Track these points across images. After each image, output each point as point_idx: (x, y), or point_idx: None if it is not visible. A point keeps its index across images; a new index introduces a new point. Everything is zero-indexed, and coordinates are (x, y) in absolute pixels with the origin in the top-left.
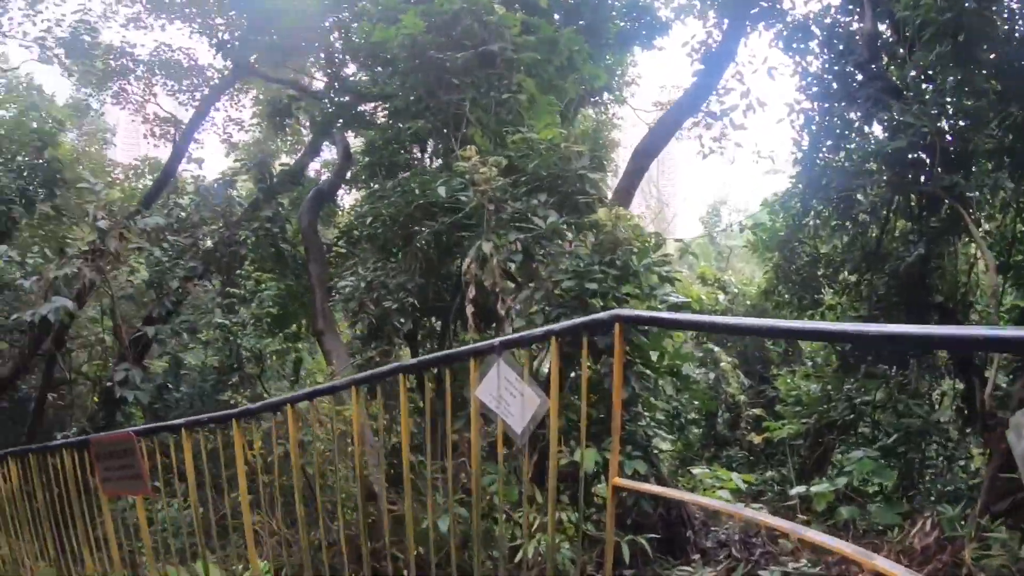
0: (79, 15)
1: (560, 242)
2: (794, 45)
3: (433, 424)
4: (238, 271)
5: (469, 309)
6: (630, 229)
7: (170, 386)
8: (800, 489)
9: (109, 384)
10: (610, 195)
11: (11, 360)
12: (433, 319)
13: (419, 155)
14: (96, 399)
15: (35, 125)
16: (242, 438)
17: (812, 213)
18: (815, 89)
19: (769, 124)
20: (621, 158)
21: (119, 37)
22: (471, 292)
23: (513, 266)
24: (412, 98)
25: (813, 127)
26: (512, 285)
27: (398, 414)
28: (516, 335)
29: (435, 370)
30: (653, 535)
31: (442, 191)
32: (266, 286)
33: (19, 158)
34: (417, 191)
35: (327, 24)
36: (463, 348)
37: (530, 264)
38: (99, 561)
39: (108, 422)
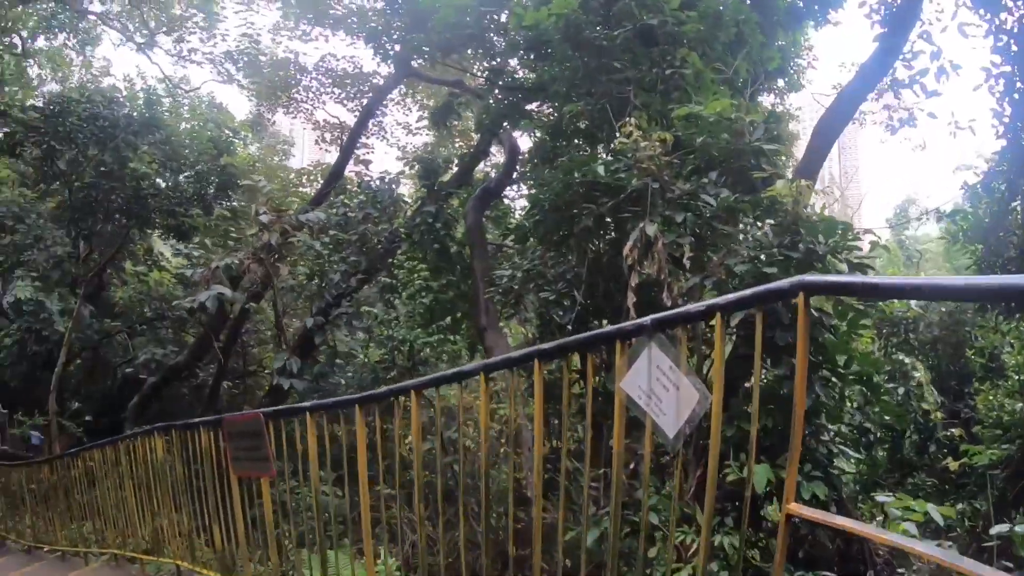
0: (243, 30)
1: (732, 226)
2: None
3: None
4: (395, 266)
5: (630, 299)
6: (813, 208)
7: (328, 375)
8: (1002, 528)
9: (269, 373)
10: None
11: (188, 349)
12: (604, 321)
13: (581, 142)
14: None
15: (211, 135)
16: (364, 425)
17: (1021, 196)
18: (1014, 50)
19: (965, 93)
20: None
21: (286, 51)
22: (633, 280)
23: (683, 251)
24: (572, 83)
25: (1016, 95)
26: (679, 272)
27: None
28: (671, 312)
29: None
30: (828, 573)
31: (600, 170)
32: (418, 278)
33: (198, 167)
34: (576, 174)
35: (484, 19)
36: (607, 329)
37: (700, 249)
38: (226, 538)
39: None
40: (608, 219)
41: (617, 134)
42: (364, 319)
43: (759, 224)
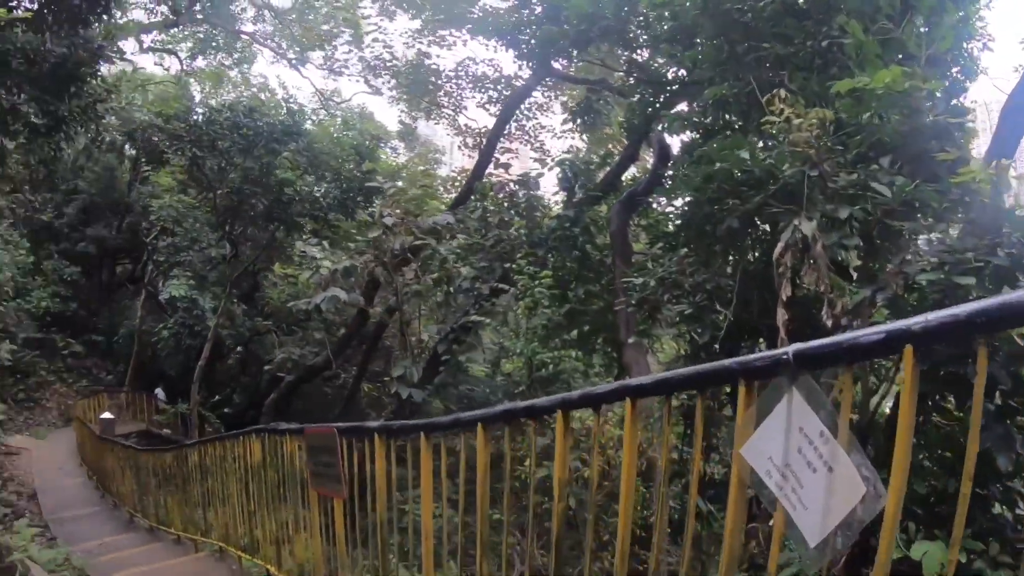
0: (383, 40)
1: (911, 222)
2: None
3: None
4: (515, 272)
5: (780, 317)
6: (1018, 199)
7: (449, 387)
8: None
9: (386, 379)
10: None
11: (327, 351)
12: (761, 343)
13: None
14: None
15: (355, 143)
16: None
17: None
18: None
19: None
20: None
21: (421, 55)
22: (784, 292)
23: (848, 256)
24: (717, 65)
25: None
26: (844, 284)
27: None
28: (827, 341)
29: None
30: None
31: (746, 155)
32: (539, 286)
33: (340, 173)
34: (718, 165)
35: (621, 8)
36: (723, 363)
37: (869, 254)
38: (309, 548)
39: (396, 416)
40: (758, 219)
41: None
42: (495, 327)
43: (945, 222)
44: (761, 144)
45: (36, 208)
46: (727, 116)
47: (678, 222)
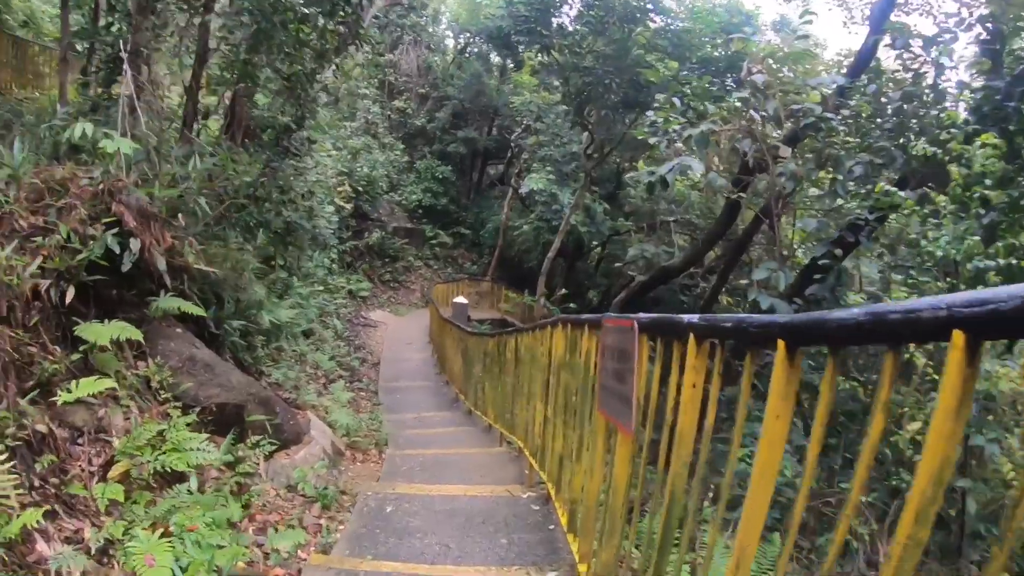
0: None
1: None
2: None
3: None
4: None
5: None
6: None
7: (826, 301)
8: None
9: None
10: None
11: (684, 252)
12: None
13: None
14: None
15: (720, 22)
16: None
17: None
18: None
19: None
20: None
21: None
22: None
23: None
24: None
25: None
26: None
27: None
28: None
29: None
30: None
31: None
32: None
33: (700, 54)
34: None
35: None
36: None
37: None
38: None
39: None
40: None
41: None
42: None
43: None
44: None
45: (409, 114)
46: None
47: None
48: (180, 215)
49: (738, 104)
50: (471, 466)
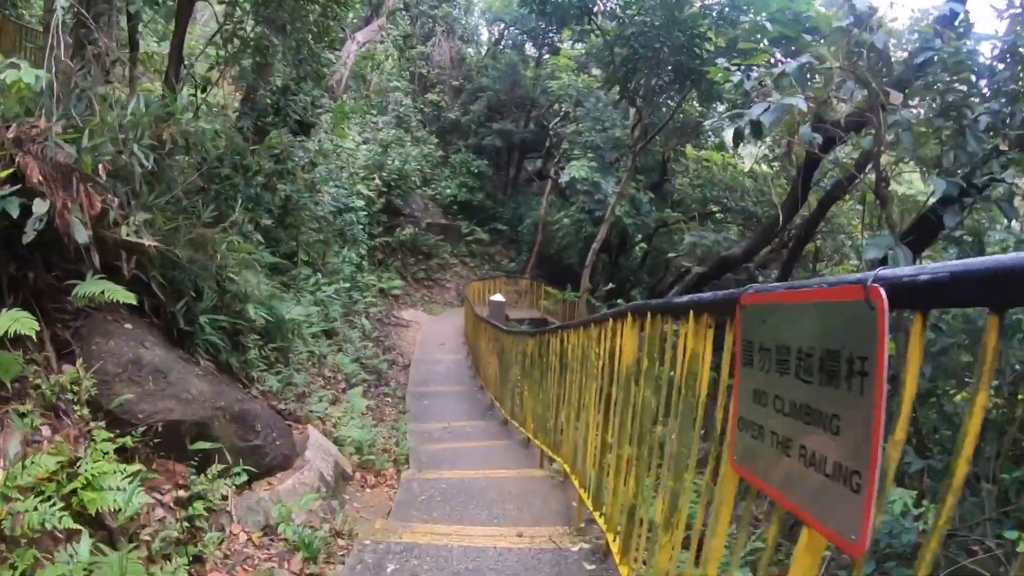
0: None
1: None
2: None
3: None
4: None
5: None
6: None
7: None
8: None
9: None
10: None
11: (748, 239)
12: None
13: None
14: None
15: None
16: None
17: None
18: None
19: None
20: None
21: None
22: None
23: None
24: None
25: None
26: None
27: None
28: None
29: None
30: None
31: None
32: None
33: (758, 17)
34: None
35: None
36: None
37: None
38: None
39: None
40: None
41: None
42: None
43: None
44: None
45: (443, 107)
46: None
47: None
48: (120, 182)
49: (835, 29)
50: (504, 496)
